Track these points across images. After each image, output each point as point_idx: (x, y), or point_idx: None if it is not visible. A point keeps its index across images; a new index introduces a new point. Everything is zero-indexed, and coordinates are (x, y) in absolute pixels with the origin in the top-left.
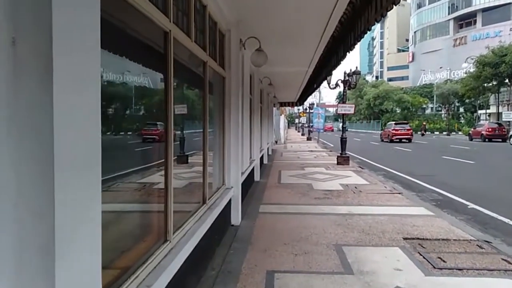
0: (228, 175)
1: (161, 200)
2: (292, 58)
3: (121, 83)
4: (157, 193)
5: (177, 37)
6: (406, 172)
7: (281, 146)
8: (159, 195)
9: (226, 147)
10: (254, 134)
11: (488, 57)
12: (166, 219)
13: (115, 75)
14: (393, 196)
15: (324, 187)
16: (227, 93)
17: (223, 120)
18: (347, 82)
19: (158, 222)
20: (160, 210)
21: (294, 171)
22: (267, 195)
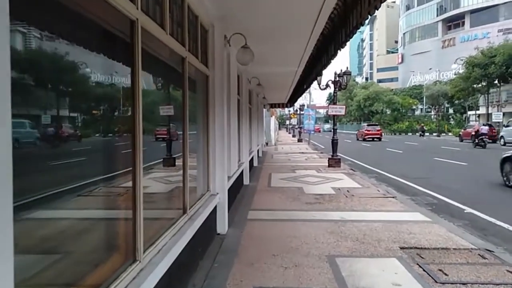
0: (213, 180)
1: (129, 215)
2: (281, 57)
3: (83, 78)
4: (124, 204)
5: (146, 27)
6: (399, 174)
7: (272, 148)
8: (127, 207)
9: (210, 151)
10: (242, 136)
11: (478, 58)
12: (134, 236)
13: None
14: (387, 201)
15: (316, 191)
16: (211, 93)
17: (207, 121)
18: (337, 83)
19: (125, 239)
20: (128, 225)
21: (285, 173)
22: (256, 200)
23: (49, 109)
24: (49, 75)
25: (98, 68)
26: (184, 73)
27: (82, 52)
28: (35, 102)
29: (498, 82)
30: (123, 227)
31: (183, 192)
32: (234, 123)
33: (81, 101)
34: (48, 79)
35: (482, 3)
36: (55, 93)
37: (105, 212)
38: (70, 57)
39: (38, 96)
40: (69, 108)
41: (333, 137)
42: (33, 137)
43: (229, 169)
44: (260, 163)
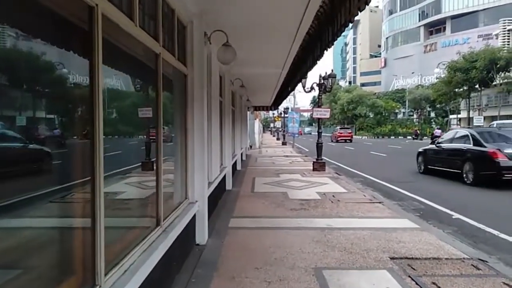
0: (191, 187)
1: (87, 230)
2: (265, 58)
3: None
4: (81, 218)
5: (109, 15)
6: (384, 178)
7: (256, 151)
8: (84, 222)
9: (189, 155)
10: (225, 139)
11: (459, 62)
12: (93, 255)
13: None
14: (374, 206)
15: (301, 196)
16: (190, 93)
17: (186, 123)
18: (322, 86)
19: (82, 260)
20: (85, 242)
21: (269, 178)
22: (239, 207)
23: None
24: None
25: (51, 59)
26: (158, 70)
27: (34, 42)
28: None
29: (479, 87)
30: (79, 245)
31: (156, 203)
32: (216, 126)
33: (32, 98)
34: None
35: (463, 9)
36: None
37: (58, 226)
38: (19, 47)
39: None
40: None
41: (318, 141)
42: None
43: (210, 175)
44: (244, 166)
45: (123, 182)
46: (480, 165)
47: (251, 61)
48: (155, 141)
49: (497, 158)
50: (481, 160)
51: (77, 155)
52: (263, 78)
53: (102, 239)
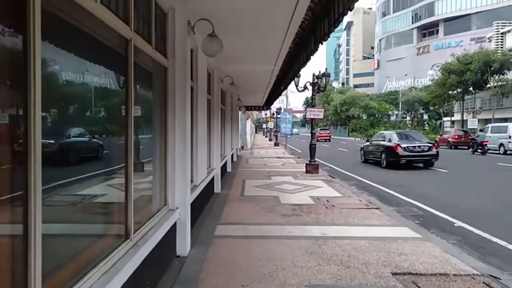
0: (171, 192)
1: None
2: (256, 54)
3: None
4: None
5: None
6: (380, 182)
7: (248, 152)
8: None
9: (169, 157)
10: (213, 139)
11: (454, 64)
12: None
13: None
14: (371, 213)
15: (293, 200)
16: (170, 88)
17: (165, 121)
18: (316, 85)
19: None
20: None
21: (260, 180)
22: (226, 212)
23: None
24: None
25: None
26: (128, 59)
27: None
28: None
29: (473, 89)
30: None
31: (125, 212)
32: (203, 125)
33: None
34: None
35: (456, 12)
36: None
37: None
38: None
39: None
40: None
41: (311, 142)
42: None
43: (196, 177)
44: (234, 168)
45: (108, 183)
46: (389, 154)
47: (241, 57)
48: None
49: (397, 150)
50: (389, 151)
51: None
52: (255, 76)
53: (36, 265)
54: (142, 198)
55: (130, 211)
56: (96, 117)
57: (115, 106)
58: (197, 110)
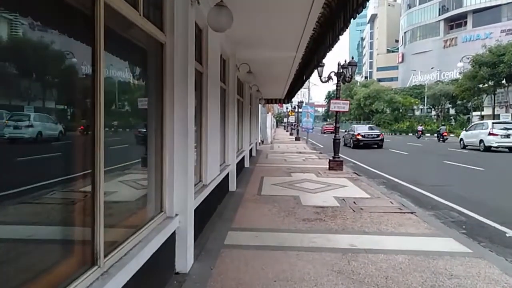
0: (169, 197)
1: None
2: (276, 36)
3: None
4: None
5: None
6: (410, 180)
7: (268, 146)
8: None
9: (166, 155)
10: (228, 133)
11: (485, 56)
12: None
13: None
14: (405, 218)
15: (315, 201)
16: (168, 69)
17: (162, 111)
18: (341, 75)
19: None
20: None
21: (279, 177)
22: (240, 215)
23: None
24: None
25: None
26: (96, 22)
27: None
28: None
29: (506, 82)
30: None
31: (91, 231)
32: (215, 117)
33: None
34: None
35: (485, 3)
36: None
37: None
38: None
39: None
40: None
41: (335, 136)
42: None
43: (205, 176)
44: (253, 163)
45: (120, 179)
46: (354, 140)
47: (259, 41)
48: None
49: (358, 137)
50: (354, 137)
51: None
52: (274, 64)
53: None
54: (126, 207)
55: (98, 228)
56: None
57: (80, 89)
58: (207, 99)
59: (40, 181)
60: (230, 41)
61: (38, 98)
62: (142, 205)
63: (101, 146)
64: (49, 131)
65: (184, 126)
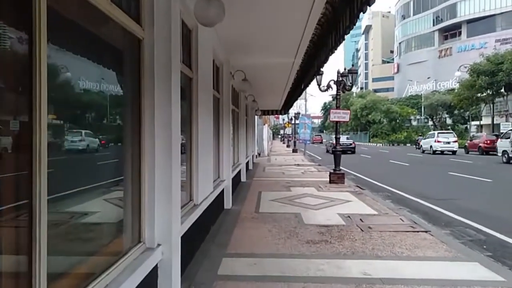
0: (149, 224)
1: None
2: (273, 40)
3: None
4: None
5: None
6: (416, 193)
7: (265, 159)
8: None
9: (146, 171)
10: (223, 145)
11: (483, 65)
12: None
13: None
14: (420, 238)
15: (319, 219)
16: (147, 69)
17: (139, 119)
18: (341, 83)
19: None
20: None
21: (278, 192)
22: (236, 237)
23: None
24: None
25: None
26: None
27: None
28: None
29: (504, 91)
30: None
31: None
32: (207, 129)
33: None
34: None
35: (479, 13)
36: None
37: None
38: None
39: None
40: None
41: (336, 148)
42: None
43: (196, 195)
44: (250, 177)
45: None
46: (333, 147)
47: (255, 46)
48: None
49: (336, 145)
50: (333, 145)
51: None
52: (272, 72)
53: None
54: (89, 242)
55: (37, 276)
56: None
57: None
58: (198, 108)
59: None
60: (223, 46)
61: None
62: (113, 237)
63: (41, 167)
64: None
65: (167, 137)
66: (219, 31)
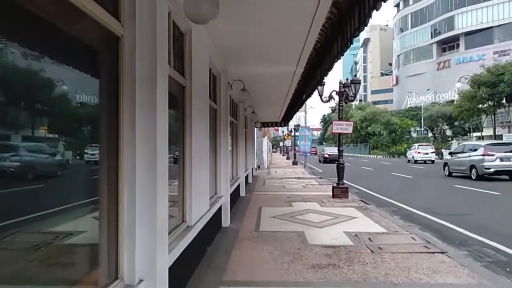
0: (129, 256)
1: None
2: (274, 47)
3: None
4: None
5: None
6: (424, 208)
7: (264, 171)
8: None
9: (125, 191)
10: (220, 159)
11: (484, 76)
12: None
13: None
14: (437, 261)
15: (324, 239)
16: (127, 70)
17: (117, 128)
18: (343, 94)
19: None
20: None
21: (279, 208)
22: (235, 261)
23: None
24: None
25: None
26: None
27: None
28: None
29: (506, 102)
30: None
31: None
32: (204, 140)
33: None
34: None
35: (477, 25)
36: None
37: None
38: None
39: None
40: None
41: (339, 161)
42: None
43: (189, 215)
44: (249, 191)
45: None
46: (324, 157)
47: (255, 53)
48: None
49: (325, 155)
50: (323, 155)
51: None
52: (272, 81)
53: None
54: (53, 280)
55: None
56: None
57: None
58: (191, 118)
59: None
60: (221, 54)
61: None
62: (82, 273)
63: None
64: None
65: (151, 151)
66: (216, 39)
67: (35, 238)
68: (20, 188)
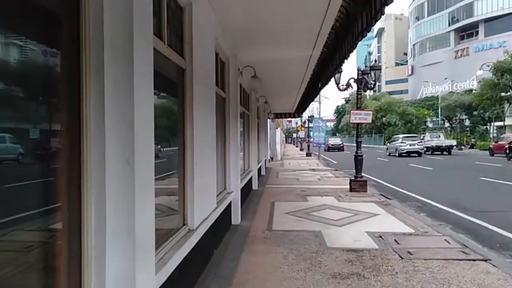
0: (96, 283)
1: None
2: (288, 28)
3: None
4: None
5: None
6: (451, 204)
7: (278, 163)
8: None
9: (92, 195)
10: (230, 151)
11: (508, 62)
12: None
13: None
14: (482, 271)
15: (345, 241)
16: (91, 32)
17: (78, 111)
18: (362, 81)
19: None
20: None
21: (293, 203)
22: (244, 268)
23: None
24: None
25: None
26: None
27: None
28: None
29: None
30: None
31: None
32: (209, 132)
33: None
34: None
35: (497, 11)
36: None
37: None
38: None
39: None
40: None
41: (357, 153)
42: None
43: (191, 217)
44: (262, 184)
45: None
46: (327, 146)
47: (266, 35)
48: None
49: (329, 145)
50: (326, 145)
51: None
52: (285, 67)
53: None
54: None
55: None
56: None
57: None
58: (192, 106)
59: None
60: (229, 37)
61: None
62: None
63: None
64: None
65: (128, 143)
66: (223, 19)
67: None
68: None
